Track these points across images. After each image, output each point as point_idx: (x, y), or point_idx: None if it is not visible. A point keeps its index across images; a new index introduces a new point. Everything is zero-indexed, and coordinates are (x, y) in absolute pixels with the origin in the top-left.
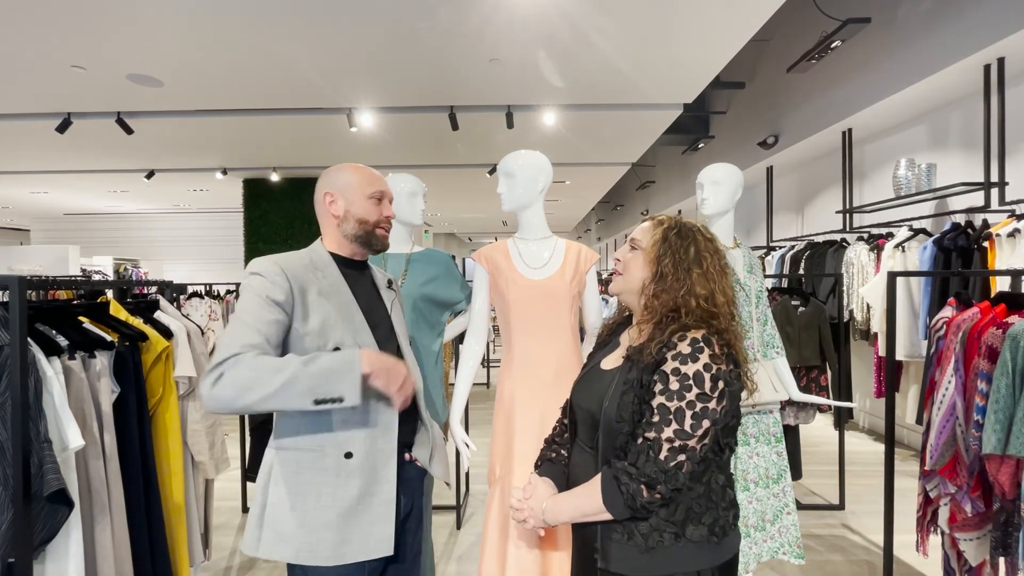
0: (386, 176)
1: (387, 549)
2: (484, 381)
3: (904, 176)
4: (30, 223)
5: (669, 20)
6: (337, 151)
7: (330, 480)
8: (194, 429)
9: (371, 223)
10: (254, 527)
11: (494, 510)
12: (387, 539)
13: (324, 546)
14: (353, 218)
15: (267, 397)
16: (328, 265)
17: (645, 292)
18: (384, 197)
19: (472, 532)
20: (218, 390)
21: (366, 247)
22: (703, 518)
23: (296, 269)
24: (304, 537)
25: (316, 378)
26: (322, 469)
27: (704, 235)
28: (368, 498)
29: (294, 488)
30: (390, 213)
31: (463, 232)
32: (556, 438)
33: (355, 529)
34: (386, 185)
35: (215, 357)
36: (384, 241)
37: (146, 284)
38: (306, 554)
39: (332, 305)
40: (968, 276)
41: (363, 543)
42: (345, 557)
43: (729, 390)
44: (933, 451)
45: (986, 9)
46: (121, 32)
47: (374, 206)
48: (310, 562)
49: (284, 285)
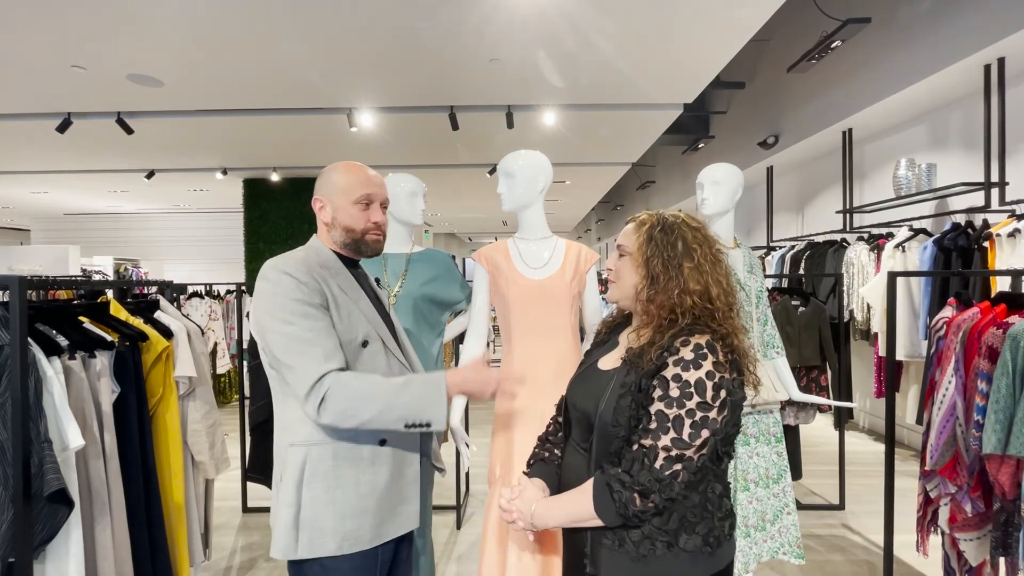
0: (386, 176)
1: (415, 523)
2: None
3: (904, 176)
4: (30, 223)
5: (669, 20)
6: (337, 151)
7: (366, 468)
8: (194, 429)
9: (358, 231)
10: (289, 530)
11: (494, 510)
12: (415, 515)
13: (364, 531)
14: (340, 226)
15: (365, 423)
16: (335, 263)
17: (640, 297)
18: (372, 201)
19: (472, 532)
20: (324, 418)
21: (356, 254)
22: (697, 528)
23: (315, 268)
24: (346, 527)
25: (408, 407)
26: (358, 459)
27: (689, 225)
28: (398, 479)
29: (334, 482)
30: (378, 218)
31: (463, 232)
32: (550, 436)
33: (388, 510)
34: (376, 187)
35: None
36: (375, 247)
37: (146, 284)
38: (349, 543)
39: (352, 300)
40: (968, 276)
41: (396, 521)
42: (383, 536)
43: (731, 400)
44: (933, 451)
45: (986, 9)
46: (121, 32)
47: (360, 212)
48: (355, 549)
49: (316, 286)
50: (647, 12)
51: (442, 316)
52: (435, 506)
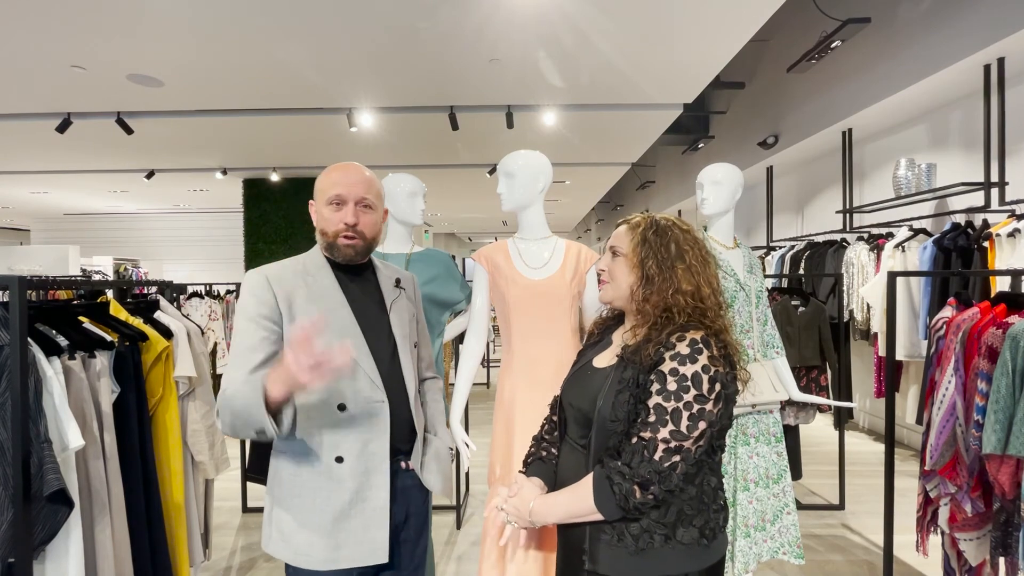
0: (385, 176)
1: (381, 556)
2: (484, 381)
3: (904, 176)
4: (30, 223)
5: (669, 20)
6: (337, 151)
7: (323, 484)
8: (194, 429)
9: (329, 234)
10: (266, 523)
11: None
12: (381, 546)
13: (318, 550)
14: (318, 229)
15: (236, 434)
16: (320, 269)
17: (635, 297)
18: (345, 201)
19: (472, 532)
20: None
21: (334, 259)
22: (694, 520)
23: (284, 276)
24: (301, 540)
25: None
26: (315, 473)
27: (680, 227)
28: (360, 503)
29: (290, 490)
30: (351, 219)
31: (463, 232)
32: (545, 435)
33: (348, 535)
34: (348, 185)
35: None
36: (346, 252)
37: (146, 284)
38: (303, 557)
39: (319, 310)
40: (968, 276)
41: (356, 548)
42: (339, 562)
43: (726, 392)
44: (933, 451)
45: (986, 9)
46: (121, 32)
47: (333, 213)
48: (306, 565)
49: (266, 296)
50: (647, 12)
51: (442, 316)
52: (435, 506)
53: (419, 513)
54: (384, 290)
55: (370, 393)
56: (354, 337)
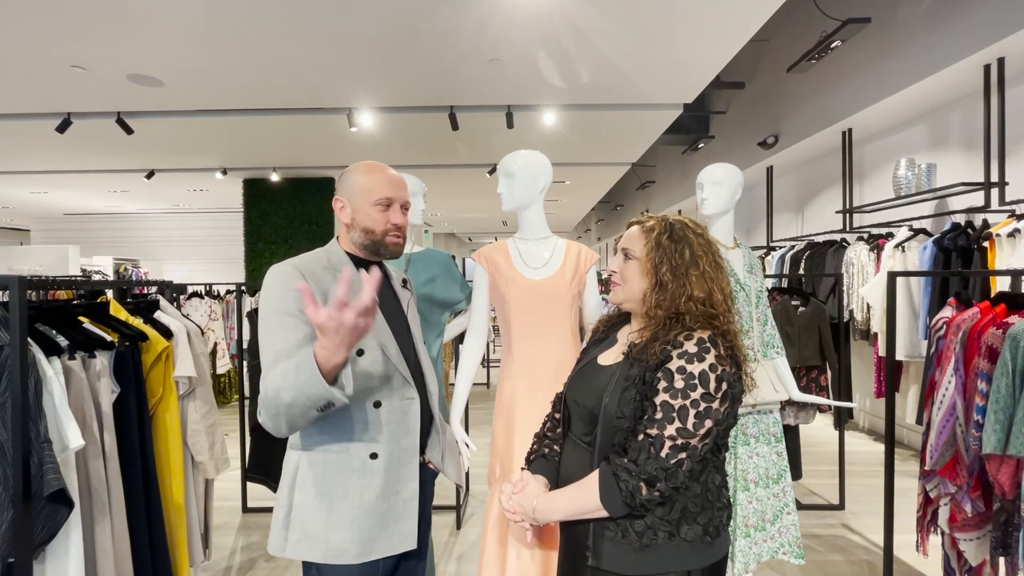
0: None
1: (412, 543)
2: (484, 381)
3: (904, 176)
4: (30, 223)
5: (669, 20)
6: (337, 151)
7: (356, 481)
8: (194, 429)
9: (377, 233)
10: (280, 528)
11: (494, 510)
12: (411, 534)
13: (351, 545)
14: (359, 227)
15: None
16: (346, 265)
17: (647, 301)
18: (393, 203)
19: (472, 532)
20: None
21: (374, 255)
22: (698, 518)
23: (314, 270)
24: (332, 537)
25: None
26: (348, 470)
27: (694, 232)
28: (392, 496)
29: (322, 489)
30: (399, 220)
31: (463, 232)
32: (548, 433)
33: (380, 527)
34: (397, 189)
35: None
36: (395, 249)
37: (146, 284)
38: (335, 554)
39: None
40: (968, 276)
41: (389, 540)
42: (372, 554)
43: (732, 392)
44: (933, 451)
45: (986, 9)
46: (121, 32)
47: (380, 214)
48: (339, 561)
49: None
50: (647, 12)
51: (442, 316)
52: (435, 506)
53: (430, 502)
54: (396, 290)
55: (403, 390)
56: (384, 334)
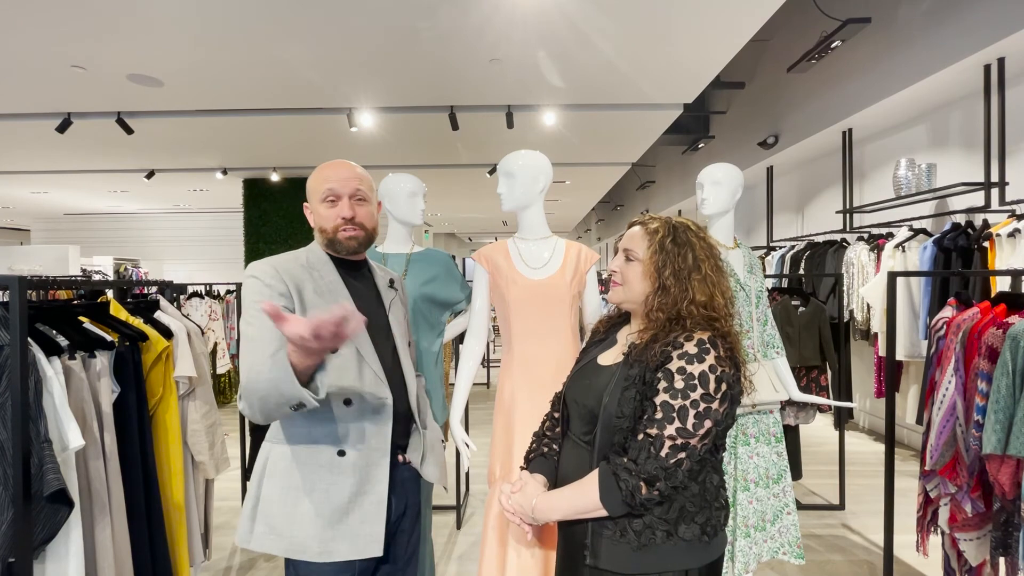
0: (385, 176)
1: (377, 550)
2: (484, 381)
3: (904, 176)
4: (30, 223)
5: (669, 20)
6: (337, 151)
7: (323, 477)
8: (194, 429)
9: (328, 230)
10: (247, 519)
11: (494, 510)
12: (377, 539)
13: (314, 542)
14: (317, 227)
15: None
16: (324, 264)
17: (648, 304)
18: (339, 196)
19: (472, 532)
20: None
21: (337, 253)
22: (696, 517)
23: (291, 268)
24: (295, 532)
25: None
26: (316, 466)
27: (697, 235)
28: (360, 497)
29: (287, 483)
30: (347, 213)
31: (463, 232)
32: (547, 432)
33: (345, 527)
34: (340, 180)
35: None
36: (349, 244)
37: (146, 284)
38: (297, 549)
39: (327, 303)
40: (968, 276)
41: (353, 542)
42: (334, 555)
43: (731, 393)
44: (933, 451)
45: (986, 9)
46: (121, 32)
47: (328, 210)
48: (300, 557)
49: (277, 284)
50: (647, 12)
51: (442, 316)
52: (435, 506)
53: (414, 504)
54: (380, 289)
55: (375, 389)
56: (360, 334)
